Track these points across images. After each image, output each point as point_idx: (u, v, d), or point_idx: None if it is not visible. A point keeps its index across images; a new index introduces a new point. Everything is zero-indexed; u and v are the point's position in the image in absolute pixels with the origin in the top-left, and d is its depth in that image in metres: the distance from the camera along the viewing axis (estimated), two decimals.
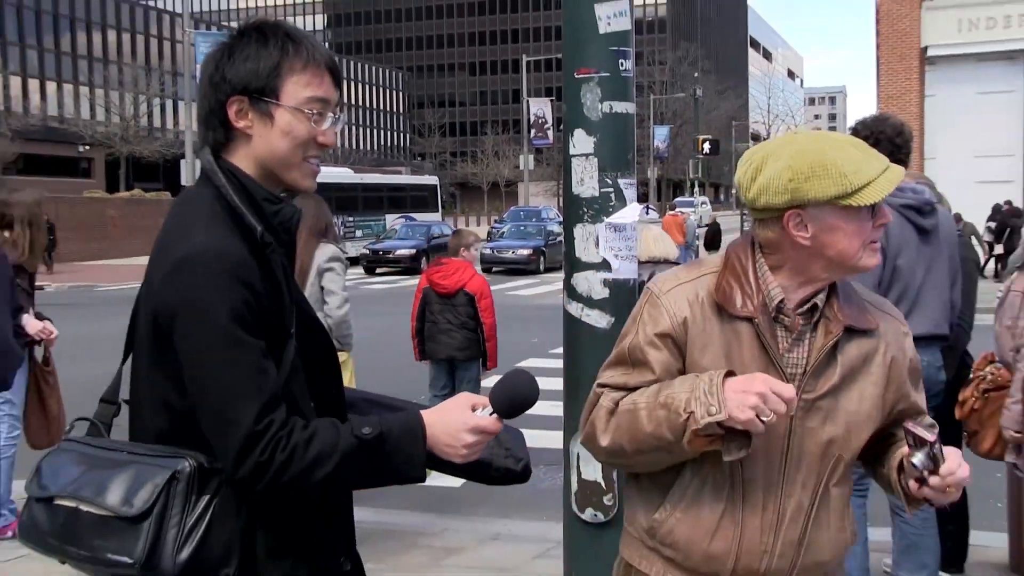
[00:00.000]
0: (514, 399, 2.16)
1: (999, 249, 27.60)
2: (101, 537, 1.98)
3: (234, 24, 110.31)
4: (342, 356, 6.48)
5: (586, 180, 3.99)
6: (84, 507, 2.01)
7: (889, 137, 5.14)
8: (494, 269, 34.70)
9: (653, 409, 2.29)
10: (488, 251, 35.75)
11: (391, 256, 37.02)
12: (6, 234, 6.47)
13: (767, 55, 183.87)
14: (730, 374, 2.22)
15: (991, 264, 28.32)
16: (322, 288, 6.57)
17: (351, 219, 41.36)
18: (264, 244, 2.10)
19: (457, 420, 2.12)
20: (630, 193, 4.03)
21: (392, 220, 43.11)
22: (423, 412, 2.16)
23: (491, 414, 2.13)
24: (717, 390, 2.17)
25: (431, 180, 51.10)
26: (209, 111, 2.15)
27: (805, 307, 2.36)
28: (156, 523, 1.94)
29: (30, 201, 6.73)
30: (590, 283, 4.00)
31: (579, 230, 4.02)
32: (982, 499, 7.16)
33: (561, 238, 24.37)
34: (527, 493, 2.03)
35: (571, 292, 4.06)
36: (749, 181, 2.35)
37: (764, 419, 2.12)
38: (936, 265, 5.36)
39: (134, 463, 2.04)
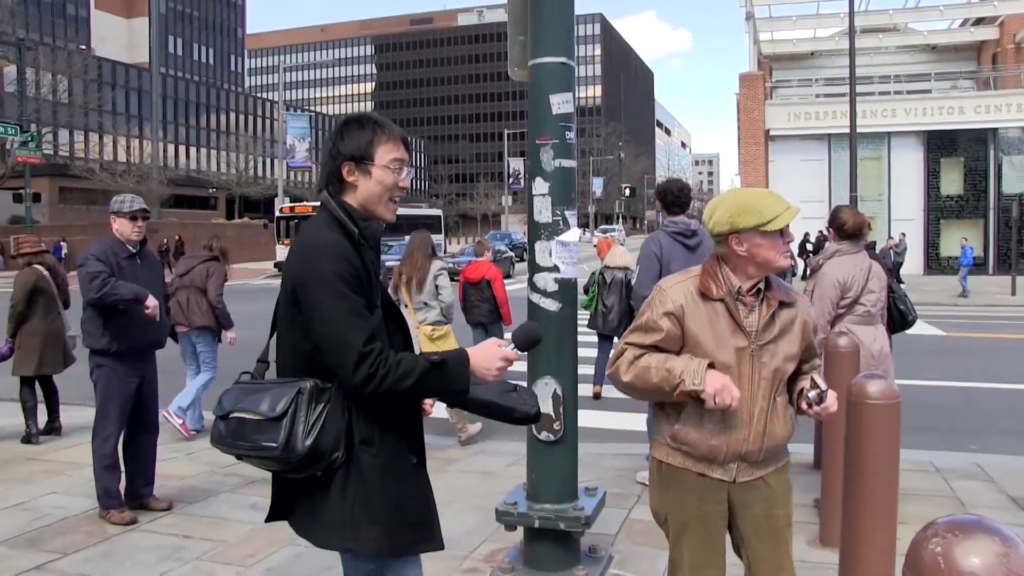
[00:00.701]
0: (528, 338, 2.35)
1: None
2: (257, 433, 2.17)
3: (315, 108, 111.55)
4: (446, 328, 7.04)
5: (543, 211, 3.94)
6: (246, 415, 2.20)
7: (673, 191, 5.42)
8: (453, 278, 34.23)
9: (659, 369, 2.59)
10: (451, 264, 34.92)
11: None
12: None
13: (667, 131, 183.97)
14: (711, 366, 2.55)
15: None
16: (436, 287, 6.95)
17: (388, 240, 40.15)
18: (359, 243, 2.26)
19: (491, 353, 2.28)
20: (573, 221, 3.99)
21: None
22: (467, 349, 2.30)
23: (512, 348, 2.31)
24: (702, 372, 2.51)
25: (437, 212, 49.61)
26: (330, 172, 2.32)
27: (753, 291, 2.64)
28: (290, 420, 2.14)
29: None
30: (546, 281, 3.96)
31: (538, 245, 3.97)
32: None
33: (509, 254, 25.08)
34: (501, 423, 2.03)
35: (533, 287, 4.01)
36: (708, 218, 2.69)
37: (717, 401, 2.48)
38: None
39: (276, 387, 2.22)
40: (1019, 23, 35.51)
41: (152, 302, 5.00)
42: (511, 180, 60.25)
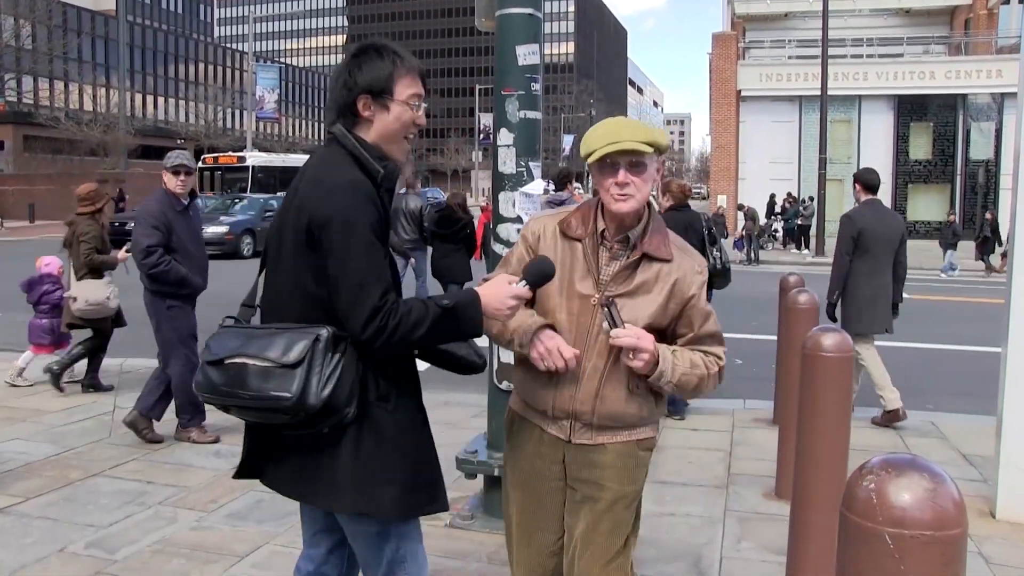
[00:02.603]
0: (540, 274, 2.19)
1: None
2: (264, 381, 1.99)
3: (285, 60, 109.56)
4: None
5: (507, 162, 3.94)
6: (251, 361, 2.02)
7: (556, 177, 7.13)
8: None
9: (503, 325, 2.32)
10: None
11: None
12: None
13: (640, 90, 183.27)
14: (548, 327, 2.29)
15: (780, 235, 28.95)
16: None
17: None
18: (381, 184, 2.11)
19: (501, 290, 2.12)
20: (537, 172, 3.99)
21: None
22: (477, 288, 2.16)
23: (524, 284, 2.15)
24: (530, 333, 2.26)
25: None
26: (343, 105, 2.14)
27: (621, 237, 2.32)
28: (306, 369, 1.97)
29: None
30: (509, 232, 3.96)
31: (503, 196, 3.98)
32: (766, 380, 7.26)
33: None
34: (467, 376, 2.03)
35: (496, 238, 4.02)
36: None
37: (545, 365, 2.24)
38: None
39: (287, 331, 2.04)
40: None
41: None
42: (481, 136, 59.84)
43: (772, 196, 30.11)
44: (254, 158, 32.39)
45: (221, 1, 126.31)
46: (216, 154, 34.31)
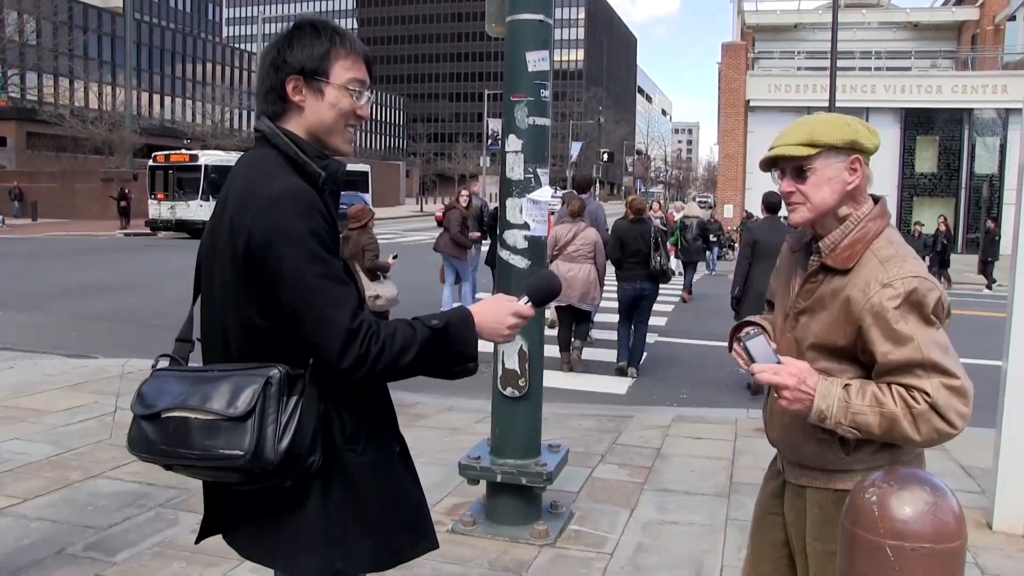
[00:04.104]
0: (544, 291, 2.01)
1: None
2: (210, 437, 1.70)
3: None
4: None
5: (515, 168, 3.96)
6: (192, 415, 1.72)
7: (578, 183, 9.26)
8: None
9: None
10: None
11: None
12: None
13: (648, 98, 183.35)
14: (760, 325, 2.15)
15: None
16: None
17: None
18: (323, 188, 1.83)
19: (500, 308, 1.91)
20: (545, 179, 4.00)
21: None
22: (471, 307, 1.91)
23: (526, 302, 1.94)
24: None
25: (364, 167, 42.17)
26: (270, 87, 1.85)
27: (817, 247, 2.08)
28: (258, 420, 1.68)
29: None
30: (515, 238, 3.98)
31: (510, 202, 3.99)
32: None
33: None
34: (471, 380, 2.03)
35: (503, 244, 4.04)
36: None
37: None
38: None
39: (230, 376, 1.74)
40: (999, 5, 35.69)
41: None
42: (489, 141, 59.89)
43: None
44: (208, 157, 30.90)
45: (230, 1, 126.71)
46: (168, 151, 32.46)
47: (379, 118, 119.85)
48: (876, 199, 2.07)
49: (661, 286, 8.87)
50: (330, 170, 1.85)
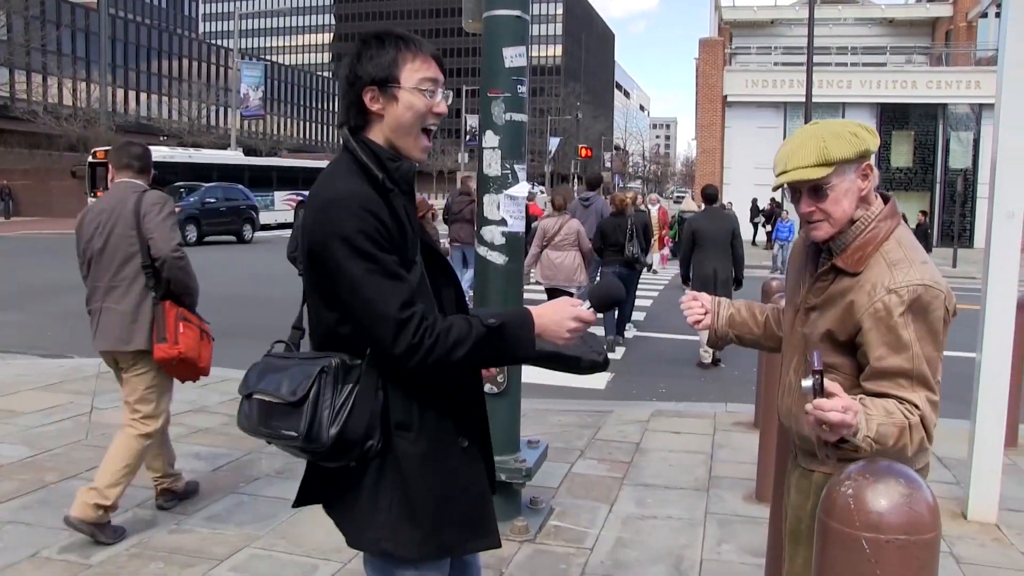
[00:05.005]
0: (606, 297, 2.05)
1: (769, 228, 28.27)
2: (277, 419, 1.89)
3: (270, 58, 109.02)
4: None
5: (493, 165, 3.95)
6: (266, 398, 1.92)
7: (589, 180, 9.64)
8: None
9: None
10: None
11: None
12: None
13: (627, 94, 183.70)
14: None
15: (763, 236, 29.18)
16: None
17: None
18: (386, 189, 1.91)
19: (562, 312, 1.95)
20: (522, 175, 4.00)
21: (282, 196, 35.03)
22: (532, 308, 1.98)
23: (588, 308, 1.98)
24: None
25: (324, 164, 43.52)
26: (350, 103, 1.95)
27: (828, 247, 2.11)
28: (312, 405, 1.84)
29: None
30: (493, 234, 3.97)
31: (487, 198, 3.98)
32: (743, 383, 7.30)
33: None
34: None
35: (481, 240, 4.03)
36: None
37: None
38: (591, 220, 10.10)
39: (299, 364, 1.92)
40: (972, 1, 36.03)
41: None
42: (467, 137, 59.83)
43: (755, 200, 30.44)
44: (153, 152, 30.43)
45: None
46: (107, 148, 31.86)
47: None
48: (886, 198, 2.09)
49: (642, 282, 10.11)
50: (399, 172, 1.94)
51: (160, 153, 30.22)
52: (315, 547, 3.95)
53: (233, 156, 36.27)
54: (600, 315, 2.05)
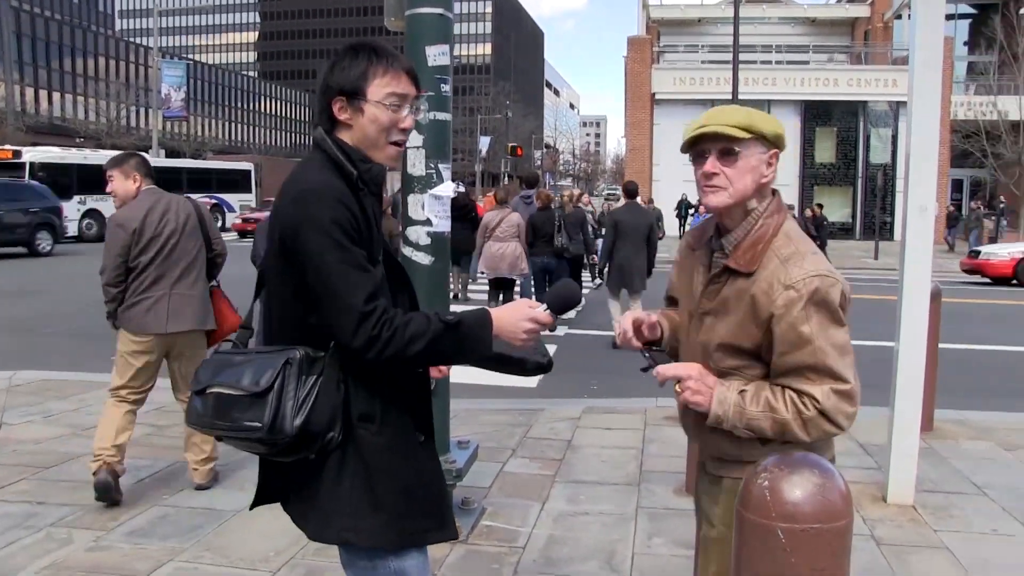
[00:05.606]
0: (563, 300, 2.07)
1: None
2: (239, 411, 1.92)
3: (192, 57, 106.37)
4: None
5: (417, 164, 3.92)
6: (225, 391, 1.95)
7: (526, 179, 10.83)
8: None
9: None
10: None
11: None
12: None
13: (557, 92, 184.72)
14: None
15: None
16: None
17: None
18: (358, 186, 1.97)
19: (518, 313, 1.99)
20: (447, 174, 3.98)
21: (195, 198, 33.82)
22: (490, 309, 2.01)
23: (546, 311, 2.01)
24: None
25: (246, 166, 39.94)
26: (321, 109, 2.03)
27: (719, 245, 2.11)
28: (277, 396, 1.88)
29: None
30: (418, 234, 3.94)
31: (411, 198, 3.95)
32: None
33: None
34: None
35: (406, 240, 3.99)
36: None
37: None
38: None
39: (263, 356, 1.96)
40: (887, 3, 37.24)
41: None
42: None
43: (683, 196, 30.97)
44: (34, 153, 27.94)
45: None
46: (16, 148, 29.02)
47: (282, 114, 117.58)
48: (773, 192, 2.09)
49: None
50: (370, 173, 2.01)
51: (50, 154, 28.55)
52: (242, 557, 3.88)
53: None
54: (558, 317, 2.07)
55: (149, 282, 4.54)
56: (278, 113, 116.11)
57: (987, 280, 19.23)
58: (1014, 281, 18.68)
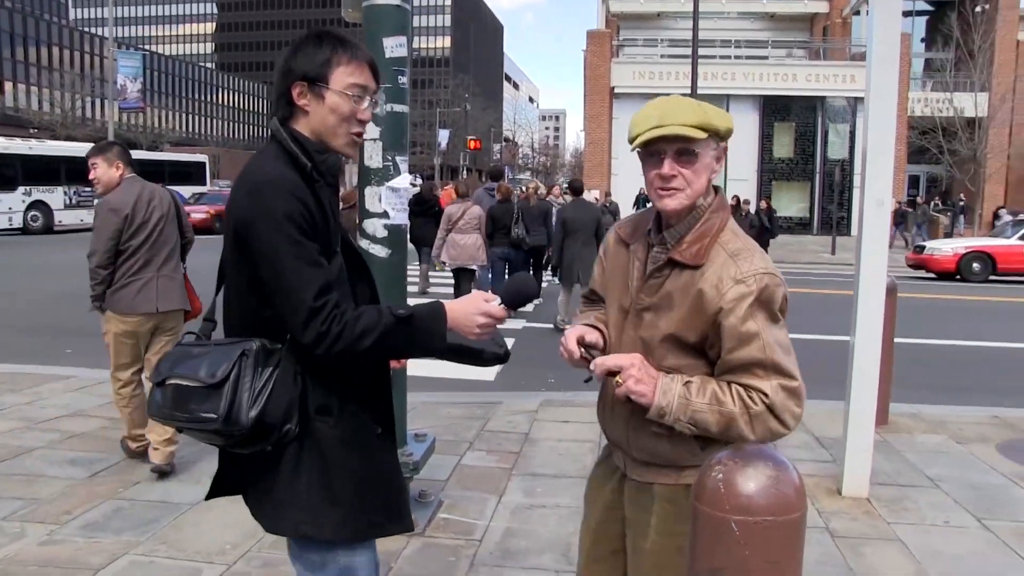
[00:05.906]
0: (517, 294, 2.07)
1: None
2: (195, 402, 1.91)
3: (149, 47, 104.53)
4: None
5: (374, 156, 3.89)
6: (183, 382, 1.95)
7: (492, 173, 10.66)
8: None
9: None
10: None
11: None
12: None
13: (516, 86, 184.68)
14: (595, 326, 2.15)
15: None
16: None
17: (88, 188, 26.49)
18: (312, 178, 1.96)
19: (472, 307, 1.98)
20: (404, 167, 3.96)
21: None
22: (444, 302, 2.00)
23: (499, 304, 2.00)
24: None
25: (201, 158, 39.13)
26: (280, 93, 2.00)
27: (660, 239, 2.04)
28: (232, 387, 1.88)
29: None
30: (375, 227, 3.92)
31: (368, 191, 3.92)
32: None
33: None
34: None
35: (363, 233, 3.97)
36: None
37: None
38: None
39: (220, 347, 1.95)
40: None
41: None
42: None
43: (641, 190, 31.18)
44: None
45: None
46: None
47: (241, 106, 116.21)
48: (716, 189, 2.05)
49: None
50: (325, 164, 2.00)
51: None
52: (198, 551, 3.83)
53: (85, 148, 33.70)
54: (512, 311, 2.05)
55: (139, 265, 4.77)
56: (236, 105, 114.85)
57: (931, 275, 19.60)
58: (957, 276, 19.07)
